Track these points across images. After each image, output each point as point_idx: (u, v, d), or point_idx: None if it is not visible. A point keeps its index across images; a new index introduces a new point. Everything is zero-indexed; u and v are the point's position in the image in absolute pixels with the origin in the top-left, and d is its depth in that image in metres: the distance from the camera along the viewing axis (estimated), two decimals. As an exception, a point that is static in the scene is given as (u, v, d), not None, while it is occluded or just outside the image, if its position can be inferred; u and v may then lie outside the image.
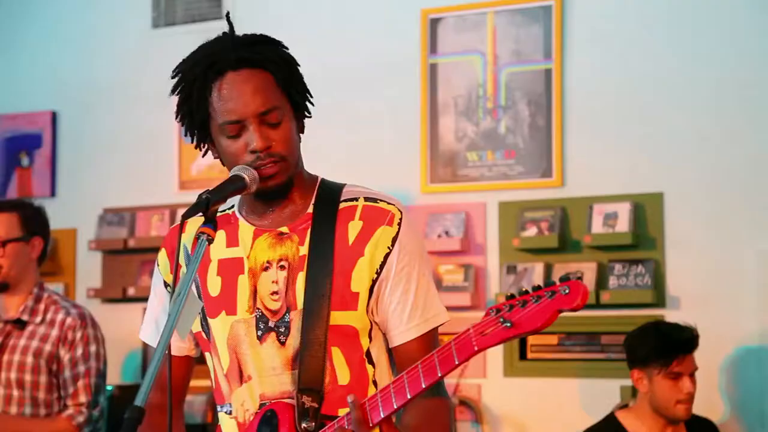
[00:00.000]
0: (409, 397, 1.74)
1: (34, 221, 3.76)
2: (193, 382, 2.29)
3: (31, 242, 3.72)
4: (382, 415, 1.75)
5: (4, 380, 3.63)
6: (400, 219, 2.01)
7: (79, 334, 3.66)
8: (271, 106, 1.94)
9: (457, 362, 1.62)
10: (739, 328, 4.26)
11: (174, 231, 2.10)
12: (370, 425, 1.76)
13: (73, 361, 3.65)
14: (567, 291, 1.50)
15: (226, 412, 2.09)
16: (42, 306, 3.70)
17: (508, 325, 1.57)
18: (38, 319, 3.68)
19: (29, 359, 3.61)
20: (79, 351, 3.66)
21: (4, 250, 3.65)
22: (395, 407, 1.75)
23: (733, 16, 4.47)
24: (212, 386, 2.13)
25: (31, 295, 3.71)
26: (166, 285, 2.11)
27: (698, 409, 3.88)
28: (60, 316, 3.67)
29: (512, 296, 1.60)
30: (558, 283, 1.57)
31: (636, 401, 3.85)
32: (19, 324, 3.64)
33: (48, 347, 3.63)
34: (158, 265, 2.14)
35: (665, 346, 3.69)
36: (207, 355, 2.12)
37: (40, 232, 3.77)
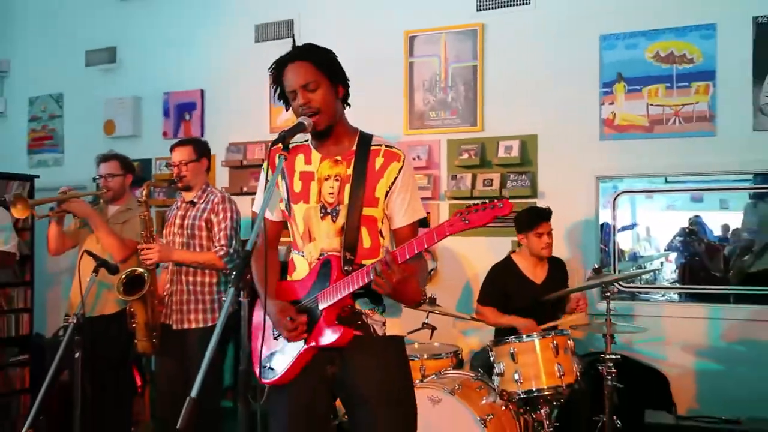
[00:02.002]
0: (416, 251, 2.09)
1: (202, 149, 4.11)
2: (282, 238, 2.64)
3: (201, 161, 4.06)
4: (407, 256, 2.10)
5: (187, 234, 3.97)
6: (404, 159, 2.38)
7: (220, 206, 3.94)
8: (307, 81, 2.29)
9: (446, 234, 2.04)
10: (577, 208, 5.01)
11: (274, 150, 2.24)
12: (398, 263, 2.09)
13: (218, 221, 3.93)
14: (501, 205, 1.96)
15: (301, 255, 2.43)
16: (205, 195, 4.02)
17: (466, 222, 2.01)
18: (202, 201, 4.00)
19: (197, 222, 3.95)
20: (221, 215, 3.93)
21: (186, 167, 3.98)
22: (413, 253, 2.10)
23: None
24: (292, 240, 2.47)
25: (200, 190, 4.03)
26: (266, 180, 2.35)
27: (556, 251, 4.56)
28: (212, 198, 3.99)
29: (472, 205, 2.01)
30: (497, 200, 1.98)
31: (520, 249, 4.51)
32: (192, 204, 4.01)
33: (205, 215, 3.95)
34: (264, 169, 2.41)
35: (532, 218, 4.36)
36: (288, 223, 2.48)
37: (206, 155, 4.12)
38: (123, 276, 3.89)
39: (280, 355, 2.35)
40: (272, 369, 2.35)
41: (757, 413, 3.66)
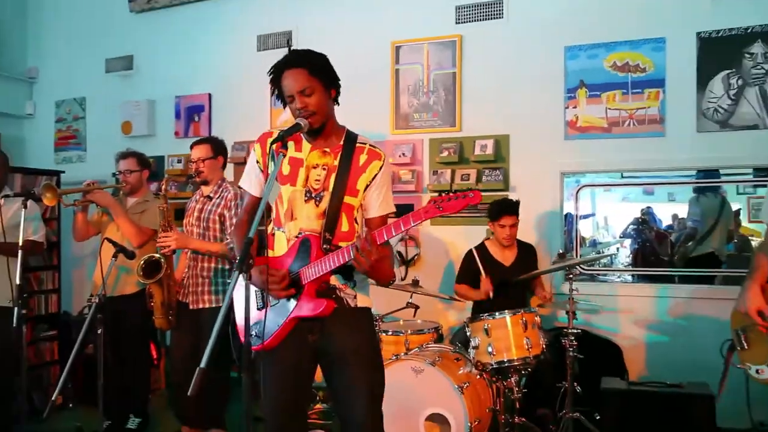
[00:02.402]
0: (393, 234, 2.12)
1: (219, 147, 4.06)
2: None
3: (218, 159, 4.01)
4: (385, 238, 2.14)
5: (202, 226, 3.92)
6: (384, 159, 2.41)
7: (233, 203, 3.89)
8: (303, 87, 2.27)
9: (421, 219, 2.08)
10: (543, 200, 5.00)
11: (264, 137, 2.43)
12: (377, 243, 2.12)
13: (230, 216, 3.87)
14: (472, 195, 2.02)
15: (281, 231, 2.42)
16: (220, 190, 3.95)
17: (440, 209, 2.06)
18: (217, 196, 3.94)
19: (211, 216, 3.90)
20: (233, 211, 3.88)
21: (204, 164, 3.93)
22: (391, 235, 2.14)
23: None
24: (274, 217, 2.46)
25: (216, 185, 3.97)
26: (256, 161, 2.45)
27: (525, 238, 4.68)
28: (225, 194, 3.93)
29: (444, 192, 2.09)
30: (468, 190, 2.03)
31: (492, 236, 4.53)
32: (209, 198, 3.95)
33: (219, 209, 3.90)
34: (254, 150, 2.45)
35: (498, 210, 4.39)
36: (275, 202, 2.44)
37: (222, 153, 4.07)
38: (142, 261, 3.90)
39: (264, 324, 2.32)
40: (258, 337, 2.33)
41: (697, 378, 3.72)
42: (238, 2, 6.07)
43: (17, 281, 3.28)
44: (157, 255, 3.90)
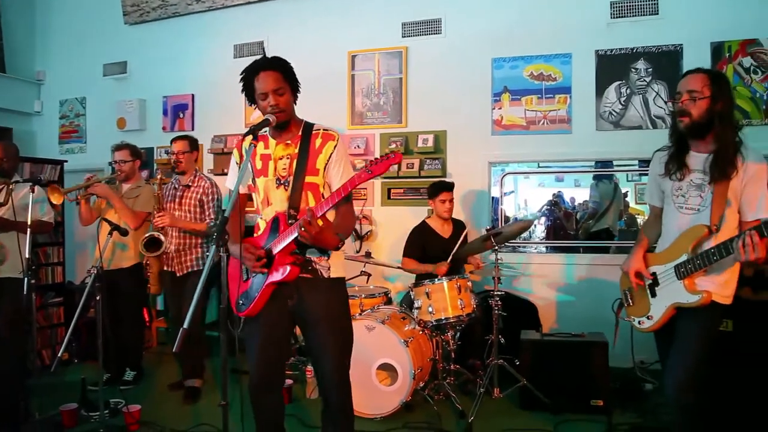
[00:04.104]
0: (330, 205, 2.10)
1: (194, 144, 4.03)
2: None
3: (193, 153, 4.00)
4: (323, 210, 2.10)
5: (185, 210, 3.89)
6: (338, 139, 2.33)
7: (209, 191, 3.89)
8: (277, 87, 2.23)
9: (355, 184, 2.02)
10: (474, 185, 5.01)
11: (239, 144, 2.39)
12: (317, 217, 2.07)
13: (207, 201, 3.88)
14: (393, 156, 2.03)
15: (262, 219, 2.39)
16: (197, 179, 3.93)
17: (370, 172, 2.03)
18: (195, 185, 3.91)
19: (193, 201, 3.89)
20: (210, 197, 3.88)
21: (183, 156, 3.91)
22: (328, 206, 2.11)
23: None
24: (256, 208, 2.42)
25: (192, 175, 3.94)
26: (236, 162, 2.43)
27: (458, 216, 4.63)
28: (203, 183, 3.92)
29: (373, 160, 2.04)
30: (390, 152, 2.07)
31: (431, 214, 4.45)
32: (188, 187, 3.92)
33: (198, 196, 3.89)
34: (234, 154, 2.43)
35: (437, 188, 4.31)
36: (254, 195, 2.42)
37: (196, 148, 4.05)
38: (144, 238, 3.90)
39: (249, 293, 2.32)
40: (244, 304, 2.31)
41: (596, 329, 3.79)
42: (217, 16, 5.97)
43: (27, 255, 3.22)
44: (157, 233, 3.86)
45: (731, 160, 2.19)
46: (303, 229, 2.06)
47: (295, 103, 2.36)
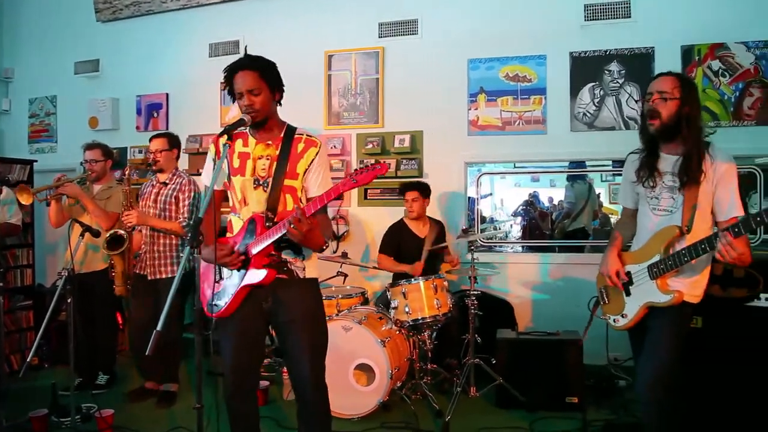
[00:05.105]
0: (320, 205, 2.07)
1: (174, 141, 3.95)
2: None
3: (172, 151, 3.91)
4: (313, 210, 2.08)
5: (160, 207, 3.81)
6: (320, 146, 2.31)
7: (186, 188, 3.81)
8: (252, 87, 2.20)
9: (340, 191, 2.01)
10: (451, 185, 5.01)
11: (216, 139, 2.34)
12: (307, 215, 2.05)
13: (183, 198, 3.80)
14: (379, 167, 2.00)
15: (237, 216, 2.36)
16: (175, 177, 3.87)
17: (355, 181, 2.01)
18: (172, 182, 3.85)
19: (168, 199, 3.81)
20: (185, 194, 3.80)
21: (161, 154, 3.83)
22: (318, 207, 2.08)
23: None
24: (231, 206, 2.38)
25: (171, 174, 3.88)
26: (213, 159, 2.39)
27: (435, 216, 4.65)
28: (179, 179, 3.86)
29: (358, 169, 2.04)
30: (377, 163, 2.04)
31: (407, 214, 4.42)
32: (165, 184, 3.86)
33: (174, 193, 3.82)
34: (210, 150, 2.39)
35: (403, 188, 4.36)
36: (229, 192, 2.38)
37: (176, 146, 3.97)
38: (107, 236, 3.79)
39: (223, 294, 2.29)
40: (217, 305, 2.28)
41: (571, 327, 3.83)
42: (192, 14, 5.88)
43: (-6, 258, 3.11)
44: (121, 231, 3.78)
45: (699, 164, 2.24)
46: (292, 226, 2.04)
47: (279, 104, 2.33)
